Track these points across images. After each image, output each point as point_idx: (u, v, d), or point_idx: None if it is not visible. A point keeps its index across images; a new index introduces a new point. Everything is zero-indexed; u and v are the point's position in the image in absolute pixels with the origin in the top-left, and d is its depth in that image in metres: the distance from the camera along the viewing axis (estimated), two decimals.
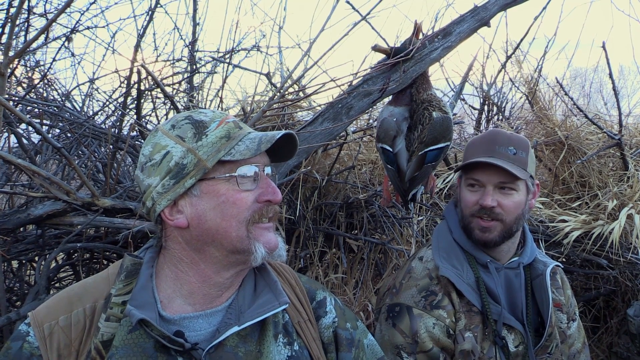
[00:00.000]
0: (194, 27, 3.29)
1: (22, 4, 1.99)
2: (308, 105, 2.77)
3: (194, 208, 1.00)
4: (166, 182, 1.00)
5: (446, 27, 2.10)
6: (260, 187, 1.04)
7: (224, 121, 1.04)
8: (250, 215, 1.01)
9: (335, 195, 2.78)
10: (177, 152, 1.00)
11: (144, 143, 1.06)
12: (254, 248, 1.02)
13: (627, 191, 2.89)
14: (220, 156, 0.99)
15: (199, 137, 1.00)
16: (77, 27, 3.00)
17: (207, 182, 1.00)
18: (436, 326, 1.50)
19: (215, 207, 1.00)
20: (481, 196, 1.55)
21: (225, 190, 1.00)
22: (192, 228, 1.01)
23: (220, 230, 1.00)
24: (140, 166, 1.04)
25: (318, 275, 2.61)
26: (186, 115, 1.04)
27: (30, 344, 0.98)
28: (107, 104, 3.28)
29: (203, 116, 1.04)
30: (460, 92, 3.70)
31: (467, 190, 1.61)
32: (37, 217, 2.14)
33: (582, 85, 5.73)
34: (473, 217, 1.57)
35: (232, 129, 1.03)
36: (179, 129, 1.02)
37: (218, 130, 1.02)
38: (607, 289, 3.16)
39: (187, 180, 0.99)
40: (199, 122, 1.02)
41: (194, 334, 1.01)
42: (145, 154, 1.03)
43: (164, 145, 1.01)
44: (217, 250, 1.02)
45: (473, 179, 1.58)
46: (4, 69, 1.87)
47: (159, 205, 1.01)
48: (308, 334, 1.13)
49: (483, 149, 1.58)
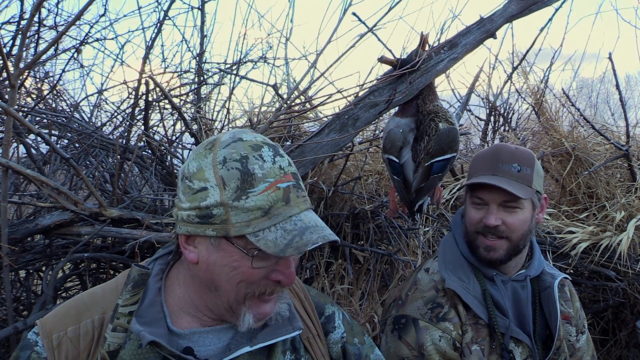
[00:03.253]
0: (202, 39, 3.31)
1: (33, 17, 2.01)
2: (315, 116, 2.78)
3: (208, 254, 0.96)
4: (192, 215, 0.95)
5: (452, 38, 2.11)
6: (278, 266, 0.97)
7: (275, 185, 0.93)
8: (252, 290, 0.97)
9: (342, 206, 2.78)
10: (212, 196, 0.92)
11: (199, 148, 0.99)
12: (242, 316, 0.99)
13: (635, 202, 2.88)
14: (245, 232, 0.91)
15: (239, 195, 0.91)
16: (87, 39, 3.03)
17: (227, 241, 0.94)
18: (442, 339, 1.49)
19: (224, 267, 0.96)
20: (485, 214, 1.54)
21: (239, 258, 0.94)
22: (200, 269, 0.98)
23: (222, 288, 0.98)
24: (182, 174, 0.98)
25: (324, 286, 2.60)
26: (243, 156, 0.93)
27: (39, 354, 0.98)
28: (115, 115, 3.31)
29: (257, 167, 0.93)
30: (466, 103, 3.71)
31: (471, 207, 1.59)
32: (45, 227, 2.15)
33: (588, 96, 5.72)
34: (477, 234, 1.56)
35: (277, 202, 0.93)
36: (227, 170, 0.92)
37: (261, 197, 0.92)
38: (616, 301, 3.13)
39: (209, 229, 0.93)
40: (249, 175, 0.92)
41: (203, 348, 1.01)
42: (190, 169, 0.96)
43: (205, 178, 0.93)
44: (215, 298, 1.00)
45: (477, 197, 1.57)
46: (15, 80, 1.90)
47: (180, 228, 0.98)
48: (317, 349, 1.13)
49: (486, 166, 1.56)
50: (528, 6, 2.12)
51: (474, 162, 1.65)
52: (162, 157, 2.85)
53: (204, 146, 0.98)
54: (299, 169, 2.17)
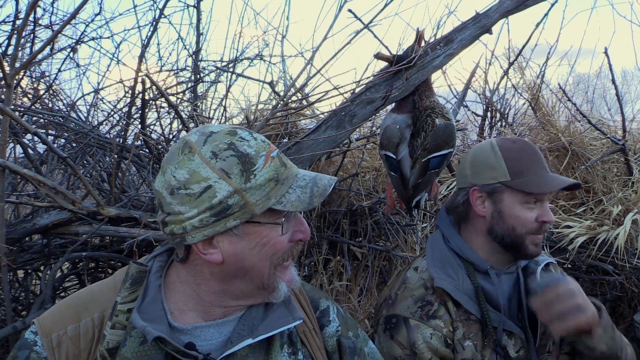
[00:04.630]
0: (198, 37, 3.31)
1: (28, 16, 2.01)
2: (311, 113, 2.78)
3: (233, 246, 0.97)
4: (205, 218, 0.94)
5: (448, 34, 2.11)
6: (295, 226, 1.03)
7: (269, 156, 0.98)
8: (282, 256, 1.02)
9: (339, 203, 2.78)
10: (222, 189, 0.93)
11: (172, 159, 0.97)
12: (278, 285, 1.03)
13: (631, 196, 2.89)
14: (270, 204, 0.95)
15: (247, 176, 0.94)
16: (82, 38, 3.02)
17: (251, 224, 0.97)
18: (434, 336, 1.49)
19: (254, 248, 0.98)
20: (540, 212, 1.53)
21: (268, 232, 0.98)
22: (227, 264, 0.99)
23: (255, 269, 1.00)
24: (170, 188, 0.95)
25: (322, 283, 2.61)
26: (228, 144, 0.96)
27: (38, 354, 0.97)
28: (111, 114, 3.31)
29: (247, 146, 0.96)
30: (463, 99, 3.71)
31: (525, 208, 1.53)
32: (42, 227, 2.15)
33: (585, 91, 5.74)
34: (530, 234, 1.54)
35: (279, 169, 0.98)
36: (223, 161, 0.94)
37: (266, 169, 0.96)
38: (614, 295, 3.14)
39: (230, 220, 0.94)
40: (245, 156, 0.95)
41: (205, 343, 1.01)
42: (178, 178, 0.94)
43: (204, 177, 0.93)
44: (244, 285, 1.03)
45: (534, 195, 1.53)
46: (11, 80, 1.89)
47: (192, 237, 0.96)
48: (313, 343, 1.14)
49: (540, 164, 1.55)
50: (524, 1, 2.12)
51: (516, 161, 1.55)
52: (160, 156, 2.84)
53: (178, 153, 0.96)
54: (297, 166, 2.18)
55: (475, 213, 1.60)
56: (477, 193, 1.59)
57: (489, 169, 1.57)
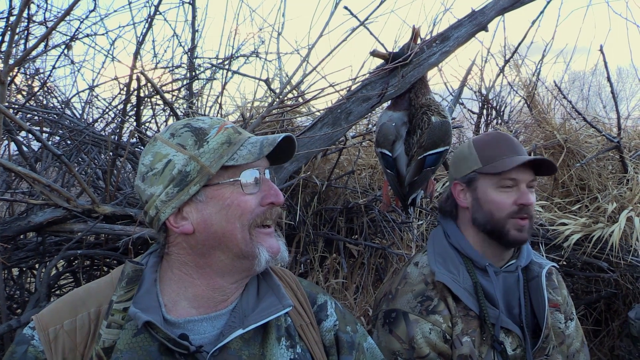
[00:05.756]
0: (193, 34, 3.30)
1: (22, 13, 1.99)
2: (307, 110, 2.78)
3: (200, 213, 1.02)
4: (170, 191, 1.01)
5: (444, 31, 2.11)
6: (263, 190, 1.06)
7: (223, 127, 1.05)
8: (253, 219, 1.03)
9: (335, 200, 2.78)
10: (179, 160, 1.01)
11: (142, 152, 1.07)
12: (258, 251, 1.04)
13: (626, 194, 2.90)
14: (223, 162, 1.01)
15: (200, 144, 1.02)
16: (77, 34, 3.00)
17: (211, 187, 1.01)
18: (432, 331, 1.50)
19: (220, 211, 1.02)
20: (517, 196, 1.55)
21: (230, 194, 1.02)
22: (198, 233, 1.02)
23: (227, 233, 1.02)
24: (141, 176, 1.04)
25: (319, 280, 2.61)
26: (184, 123, 1.05)
27: (35, 347, 0.98)
28: (106, 111, 3.29)
29: (201, 123, 1.05)
30: (458, 97, 3.71)
31: (500, 192, 1.57)
32: (37, 225, 2.14)
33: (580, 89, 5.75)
34: (508, 218, 1.55)
35: (231, 135, 1.04)
36: (179, 137, 1.03)
37: (218, 136, 1.03)
38: (608, 291, 3.16)
39: (192, 187, 1.00)
40: (199, 130, 1.04)
41: (198, 337, 1.02)
42: (145, 163, 1.04)
43: (164, 154, 1.02)
44: (223, 254, 1.04)
45: (510, 179, 1.56)
46: (4, 77, 1.88)
47: (163, 214, 1.02)
48: (310, 337, 1.14)
49: (509, 148, 1.58)
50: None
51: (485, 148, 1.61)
52: None
53: (147, 145, 1.07)
54: (292, 164, 2.17)
55: (460, 206, 1.66)
56: (458, 186, 1.65)
57: (464, 161, 1.64)
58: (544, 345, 1.58)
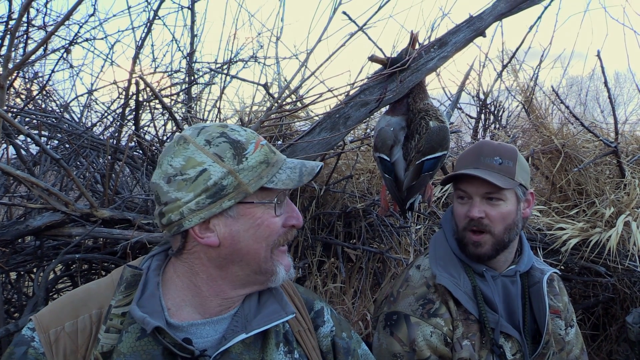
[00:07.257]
0: (192, 39, 3.31)
1: (22, 17, 2.00)
2: (306, 115, 2.78)
3: (228, 228, 1.01)
4: (201, 200, 0.98)
5: (442, 37, 2.12)
6: (287, 212, 1.07)
7: (259, 144, 1.04)
8: (277, 239, 1.05)
9: (334, 205, 2.78)
10: (215, 171, 0.98)
11: (169, 151, 1.02)
12: (277, 269, 1.06)
13: (624, 198, 2.91)
14: (262, 183, 1.01)
15: (239, 159, 1.00)
16: (76, 39, 3.01)
17: (244, 205, 1.01)
18: (434, 334, 1.50)
19: (248, 229, 1.02)
20: (469, 208, 1.56)
21: (261, 214, 1.02)
22: (223, 247, 1.02)
23: (251, 252, 1.03)
24: (167, 177, 1.00)
25: (317, 285, 2.61)
26: (221, 132, 1.02)
27: (36, 349, 0.97)
28: (105, 115, 3.30)
29: (238, 135, 1.03)
30: (456, 102, 3.73)
31: (457, 202, 1.61)
32: (35, 229, 2.14)
33: (578, 94, 5.77)
34: (465, 230, 1.57)
35: (268, 154, 1.04)
36: (216, 146, 1.00)
37: (256, 154, 1.02)
38: (606, 296, 3.16)
39: (225, 201, 0.99)
40: (237, 142, 1.01)
41: (200, 340, 1.02)
42: (175, 165, 0.99)
43: (199, 162, 0.98)
44: (241, 270, 1.05)
45: (461, 190, 1.59)
46: (3, 81, 1.88)
47: (189, 222, 0.99)
48: (308, 342, 1.15)
49: (469, 160, 1.59)
50: (517, 4, 2.13)
51: (459, 159, 1.68)
52: (153, 157, 2.84)
53: (174, 146, 1.02)
54: None
55: None
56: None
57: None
58: (544, 351, 1.58)
